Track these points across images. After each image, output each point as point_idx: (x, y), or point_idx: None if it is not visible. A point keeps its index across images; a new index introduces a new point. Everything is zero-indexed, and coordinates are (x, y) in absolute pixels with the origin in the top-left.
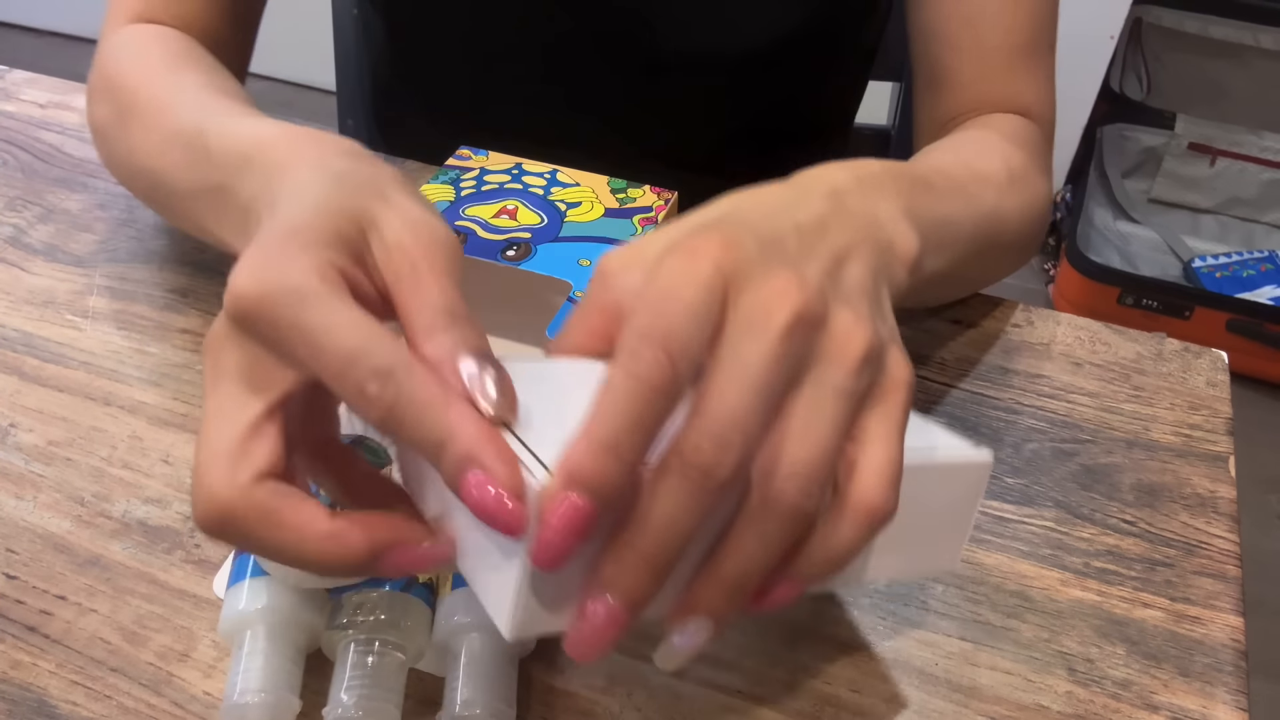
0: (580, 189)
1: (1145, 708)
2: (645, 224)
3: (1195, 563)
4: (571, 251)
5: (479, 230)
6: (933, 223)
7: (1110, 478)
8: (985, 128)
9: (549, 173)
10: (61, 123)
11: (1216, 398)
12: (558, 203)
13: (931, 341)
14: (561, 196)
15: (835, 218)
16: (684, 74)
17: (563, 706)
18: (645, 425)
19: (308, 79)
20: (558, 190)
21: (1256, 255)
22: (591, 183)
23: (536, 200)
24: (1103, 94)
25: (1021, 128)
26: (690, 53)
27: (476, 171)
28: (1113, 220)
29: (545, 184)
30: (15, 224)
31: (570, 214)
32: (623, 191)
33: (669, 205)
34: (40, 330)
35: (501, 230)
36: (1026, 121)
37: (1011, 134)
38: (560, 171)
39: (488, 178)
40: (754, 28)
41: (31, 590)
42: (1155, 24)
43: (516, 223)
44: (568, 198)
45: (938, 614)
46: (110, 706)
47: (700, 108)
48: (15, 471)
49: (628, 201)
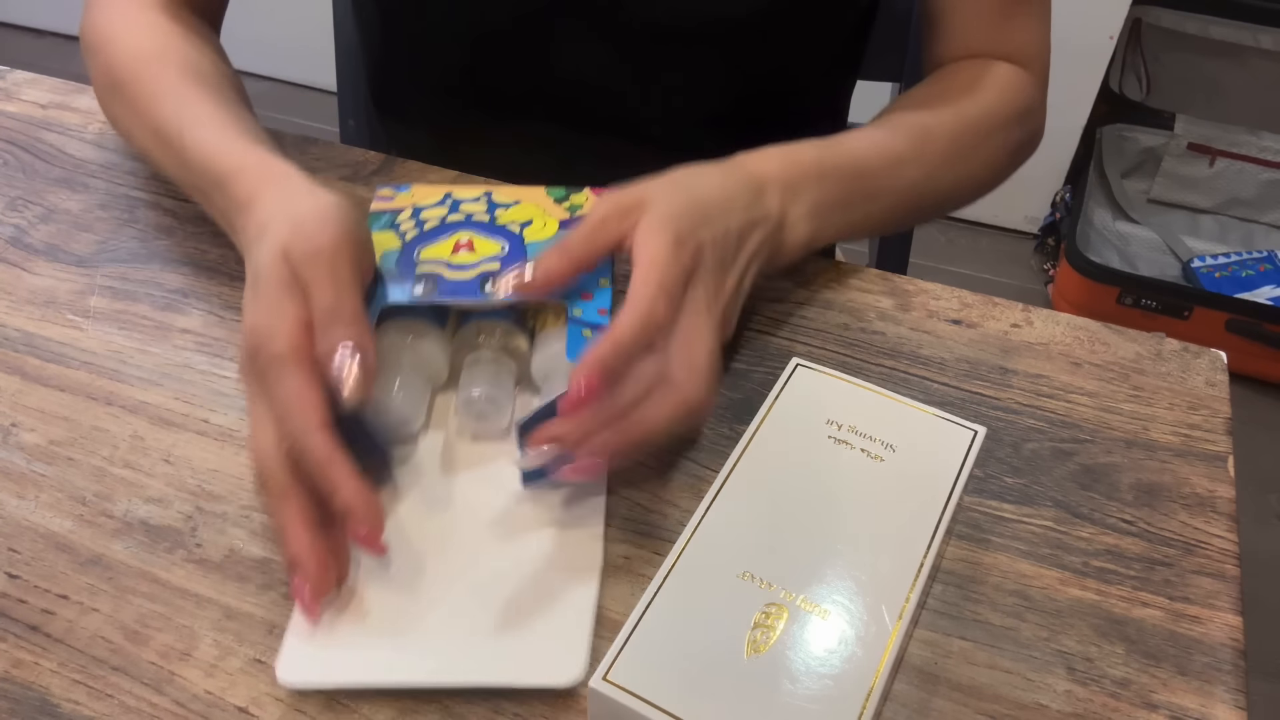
0: (522, 206)
1: (1144, 707)
2: None
3: (1194, 562)
4: None
5: (445, 272)
6: (838, 213)
7: (1109, 477)
8: (961, 82)
9: (483, 196)
10: (62, 123)
11: (1215, 398)
12: (509, 225)
13: (931, 341)
14: (509, 218)
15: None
16: (680, 43)
17: (563, 706)
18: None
19: (308, 79)
20: (501, 213)
21: (1255, 255)
22: (530, 197)
23: (486, 227)
24: (1102, 94)
25: (1004, 79)
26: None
27: (409, 210)
28: (1112, 220)
29: (486, 208)
30: (16, 224)
31: (527, 234)
32: (565, 200)
33: None
34: (41, 330)
35: (467, 266)
36: (1013, 70)
37: (989, 86)
38: (495, 192)
39: (424, 215)
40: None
41: (33, 590)
42: (1155, 24)
43: (477, 254)
44: (515, 217)
45: (938, 613)
46: (112, 705)
47: (693, 80)
48: (17, 471)
49: (576, 209)
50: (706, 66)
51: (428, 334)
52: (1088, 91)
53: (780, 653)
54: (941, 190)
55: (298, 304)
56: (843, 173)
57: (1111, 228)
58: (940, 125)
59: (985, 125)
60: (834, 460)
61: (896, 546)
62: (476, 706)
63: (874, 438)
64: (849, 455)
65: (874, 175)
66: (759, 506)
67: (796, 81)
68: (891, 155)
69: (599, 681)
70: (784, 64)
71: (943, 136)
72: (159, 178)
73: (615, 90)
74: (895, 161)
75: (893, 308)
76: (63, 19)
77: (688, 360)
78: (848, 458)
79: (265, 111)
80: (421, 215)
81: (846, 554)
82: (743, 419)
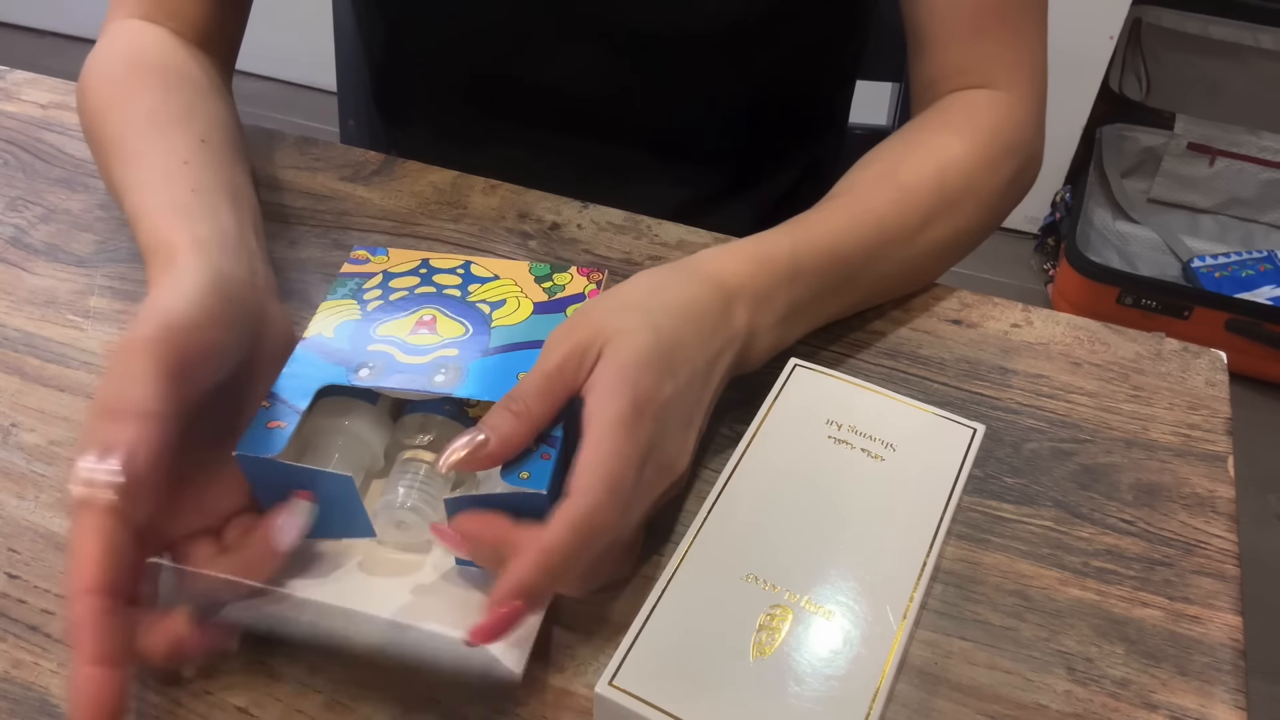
0: (500, 283)
1: (1144, 707)
2: None
3: (1194, 562)
4: (507, 365)
5: (398, 354)
6: (811, 310)
7: (1109, 477)
8: (941, 124)
9: (462, 266)
10: (62, 123)
11: (1215, 397)
12: (480, 304)
13: (931, 341)
14: (482, 295)
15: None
16: (682, 49)
17: (563, 706)
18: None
19: (308, 79)
20: (476, 288)
21: (1255, 255)
22: (511, 272)
23: (455, 305)
24: (1102, 94)
25: (989, 112)
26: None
27: (379, 277)
28: (1112, 220)
29: (461, 281)
30: (16, 224)
31: (496, 317)
32: (548, 279)
33: (600, 288)
34: (42, 330)
35: (423, 350)
36: (999, 98)
37: (973, 125)
38: (474, 264)
39: (394, 283)
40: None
41: (33, 590)
42: (1155, 24)
43: (438, 336)
44: (489, 296)
45: (938, 614)
46: None
47: (696, 85)
48: (17, 471)
49: (556, 291)
50: (709, 72)
51: (365, 415)
52: (1088, 91)
53: (785, 655)
54: (930, 252)
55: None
56: (818, 265)
57: (1111, 228)
58: (922, 182)
59: (971, 170)
60: (835, 460)
61: (899, 546)
62: (476, 706)
63: (874, 437)
64: (849, 455)
65: (850, 260)
66: (761, 508)
67: (798, 84)
68: (871, 231)
69: (605, 687)
70: (786, 68)
71: (926, 194)
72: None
73: (616, 96)
74: (875, 239)
75: (893, 307)
76: (63, 19)
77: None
78: (848, 458)
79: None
80: (391, 284)
81: (850, 554)
82: (742, 419)
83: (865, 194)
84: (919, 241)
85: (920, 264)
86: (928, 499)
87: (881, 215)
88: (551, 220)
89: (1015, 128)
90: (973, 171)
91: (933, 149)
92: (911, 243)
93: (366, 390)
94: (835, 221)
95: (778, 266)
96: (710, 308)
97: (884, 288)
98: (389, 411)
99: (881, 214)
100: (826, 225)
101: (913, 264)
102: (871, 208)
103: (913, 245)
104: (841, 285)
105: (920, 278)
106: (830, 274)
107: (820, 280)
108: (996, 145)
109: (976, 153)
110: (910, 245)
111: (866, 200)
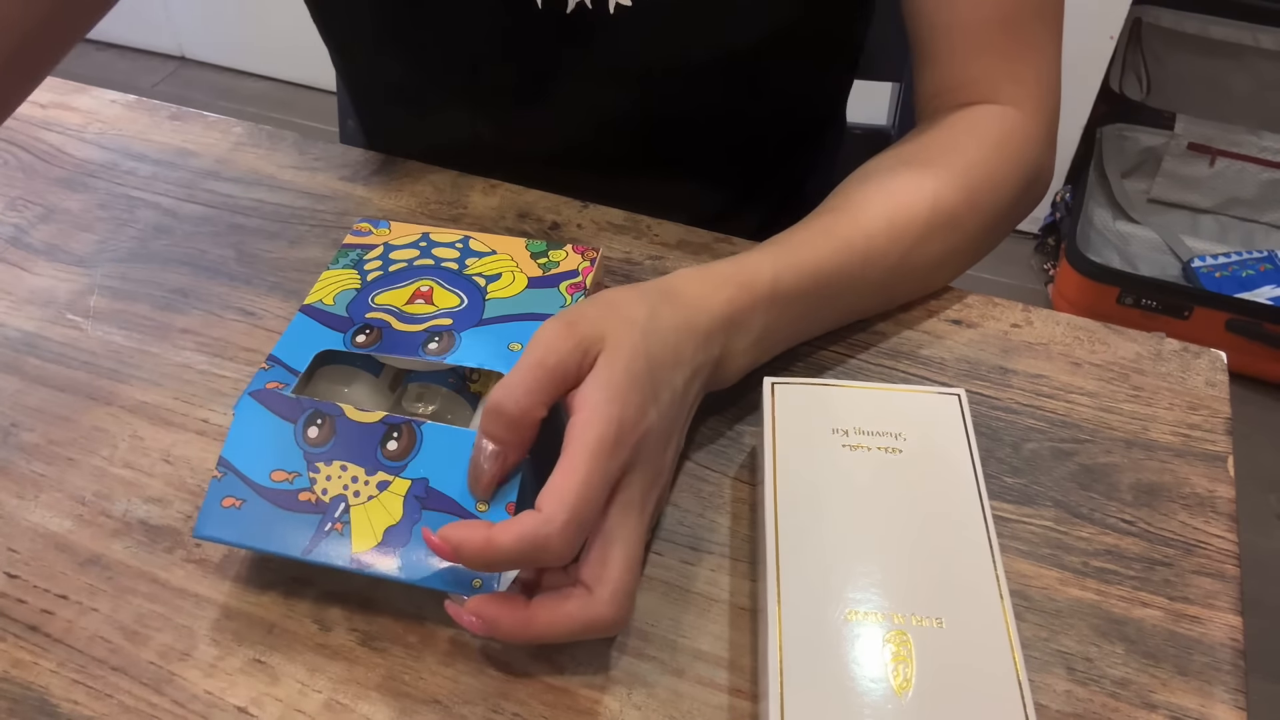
0: (497, 258)
1: (1144, 706)
2: (574, 291)
3: (1194, 562)
4: (499, 335)
5: (394, 322)
6: (786, 332)
7: (1109, 477)
8: (947, 141)
9: (460, 241)
10: (62, 123)
11: (1215, 397)
12: (475, 277)
13: (931, 341)
14: (479, 269)
15: (695, 375)
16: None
17: (563, 706)
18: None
19: (308, 79)
20: (473, 262)
21: (1256, 255)
22: (508, 248)
23: (452, 277)
24: (1102, 94)
25: (997, 129)
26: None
27: (380, 249)
28: (1112, 220)
29: (459, 255)
30: (16, 224)
31: (491, 289)
32: (544, 255)
33: (594, 265)
34: (41, 330)
35: (418, 319)
36: (1009, 114)
37: (979, 142)
38: (473, 239)
39: (394, 254)
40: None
41: (33, 589)
42: (1155, 24)
43: (434, 306)
44: (485, 270)
45: None
46: (111, 705)
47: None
48: (17, 471)
49: (551, 267)
50: (708, 99)
51: (364, 384)
52: (1088, 91)
53: (925, 682)
54: (923, 270)
55: None
56: (800, 287)
57: (1111, 227)
58: (917, 200)
59: (972, 187)
60: (861, 466)
61: (954, 525)
62: (476, 707)
63: (881, 432)
64: (870, 457)
65: (833, 281)
66: (823, 541)
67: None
68: (859, 252)
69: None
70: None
71: (920, 212)
72: (159, 178)
73: (616, 127)
74: (863, 259)
75: (892, 307)
76: None
77: (611, 577)
78: (870, 460)
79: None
80: (391, 255)
81: (919, 552)
82: (742, 419)
83: (856, 211)
84: (911, 260)
85: (912, 282)
86: (956, 473)
87: (870, 234)
88: (551, 220)
89: (1022, 144)
90: (973, 189)
91: (932, 165)
92: (903, 262)
93: (369, 360)
94: (821, 242)
95: (757, 292)
96: (689, 335)
97: (872, 304)
98: (389, 383)
99: (870, 233)
100: (812, 246)
101: (903, 282)
102: (861, 226)
103: (904, 264)
104: (822, 306)
105: (916, 292)
106: (811, 295)
107: (801, 302)
108: (1001, 162)
109: (978, 170)
110: (902, 264)
111: (857, 217)
